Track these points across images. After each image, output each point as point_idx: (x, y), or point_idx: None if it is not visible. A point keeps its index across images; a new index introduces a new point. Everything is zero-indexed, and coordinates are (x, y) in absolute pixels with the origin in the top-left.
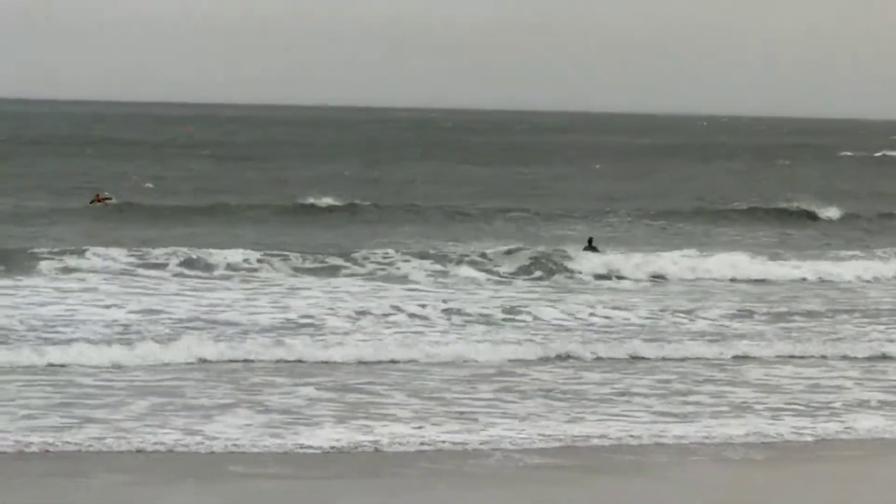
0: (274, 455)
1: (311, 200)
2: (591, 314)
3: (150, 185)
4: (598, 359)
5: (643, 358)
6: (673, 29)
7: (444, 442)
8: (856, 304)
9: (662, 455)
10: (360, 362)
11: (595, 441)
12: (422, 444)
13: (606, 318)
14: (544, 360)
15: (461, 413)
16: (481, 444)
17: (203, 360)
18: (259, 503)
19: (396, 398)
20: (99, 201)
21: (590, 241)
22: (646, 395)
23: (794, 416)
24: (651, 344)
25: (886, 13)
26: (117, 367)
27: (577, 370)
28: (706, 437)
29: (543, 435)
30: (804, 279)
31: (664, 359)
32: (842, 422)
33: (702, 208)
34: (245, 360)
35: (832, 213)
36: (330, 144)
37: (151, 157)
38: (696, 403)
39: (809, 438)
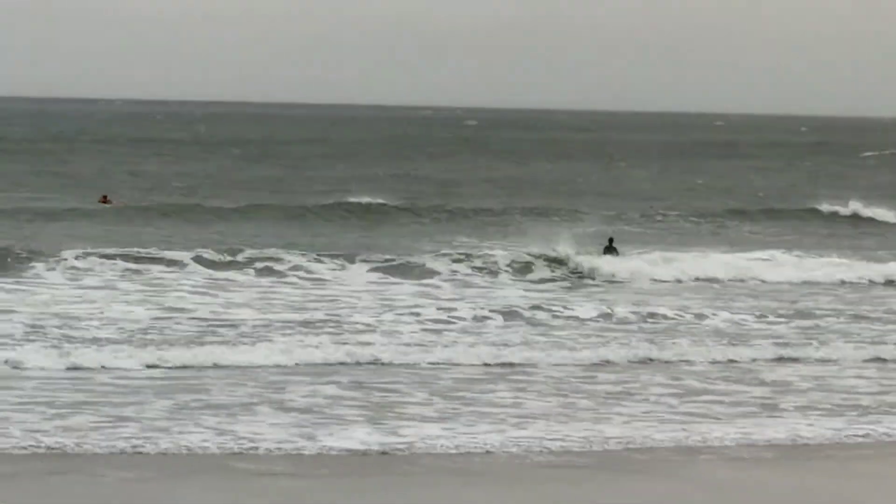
0: (287, 454)
1: (349, 199)
2: (608, 314)
3: (177, 183)
4: (609, 361)
5: (658, 359)
6: (673, 29)
7: (465, 444)
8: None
9: (674, 455)
10: (381, 362)
11: (609, 440)
12: (439, 443)
13: (623, 317)
14: (558, 360)
15: (478, 413)
16: (492, 442)
17: (222, 366)
18: (266, 502)
19: (417, 397)
20: (105, 202)
21: (610, 241)
22: (661, 395)
23: (819, 416)
24: (666, 344)
25: (889, 13)
26: (141, 366)
27: (591, 370)
28: (720, 438)
29: (556, 434)
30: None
31: (680, 359)
32: (867, 423)
33: (740, 209)
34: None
35: (886, 214)
36: (354, 142)
37: (174, 155)
38: (715, 403)
39: (826, 441)
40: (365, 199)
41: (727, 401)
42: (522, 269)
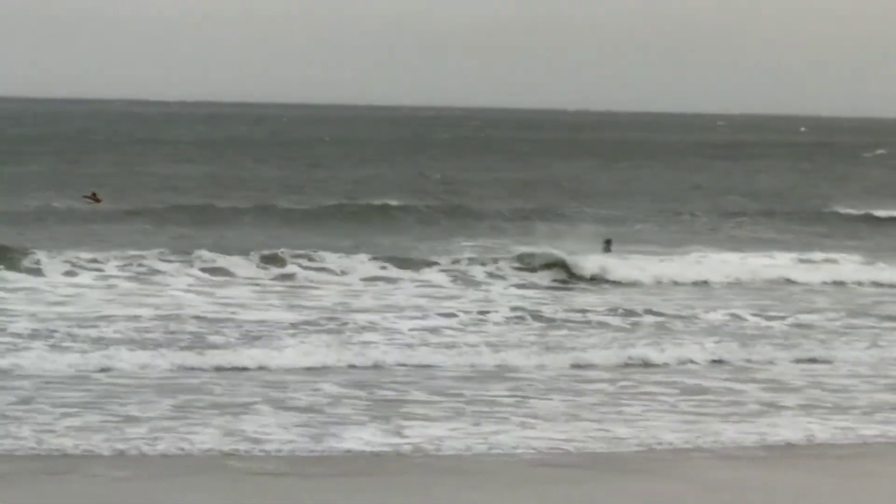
0: (289, 455)
1: (354, 201)
2: (609, 314)
3: (180, 183)
4: (610, 361)
5: (660, 359)
6: (673, 29)
7: (470, 445)
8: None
9: (679, 455)
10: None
11: (613, 441)
12: (443, 444)
13: (624, 317)
14: (558, 360)
15: (481, 413)
16: (497, 443)
17: (225, 366)
18: (268, 502)
19: (420, 397)
20: (94, 199)
21: (608, 241)
22: (664, 395)
23: (827, 416)
24: (667, 343)
25: (889, 13)
26: (142, 366)
27: (591, 370)
28: (725, 438)
29: (559, 434)
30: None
31: (682, 359)
32: (878, 423)
33: (745, 209)
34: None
35: None
36: (359, 142)
37: (175, 155)
38: (718, 403)
39: (818, 441)
40: (368, 200)
41: (731, 400)
42: (524, 268)
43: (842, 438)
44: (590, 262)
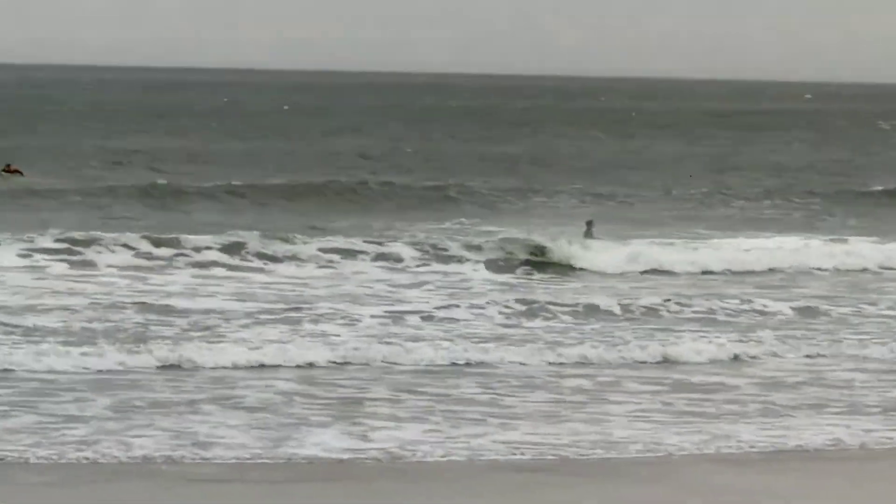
0: (239, 460)
1: (316, 179)
2: (590, 306)
3: (141, 158)
4: (594, 357)
5: (634, 356)
6: None
7: (450, 450)
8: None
9: (672, 459)
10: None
11: (595, 445)
12: (417, 448)
13: (607, 309)
14: (524, 357)
15: (447, 413)
16: (469, 448)
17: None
18: None
19: (384, 395)
20: (10, 171)
21: (589, 224)
22: (644, 395)
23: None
24: (642, 339)
25: None
26: (75, 363)
27: (563, 366)
28: (721, 441)
29: (542, 438)
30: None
31: (654, 357)
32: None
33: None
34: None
35: None
36: (336, 112)
37: (140, 128)
38: (704, 403)
39: (829, 443)
40: (336, 178)
41: (730, 399)
42: (497, 253)
43: (855, 441)
44: (570, 246)
